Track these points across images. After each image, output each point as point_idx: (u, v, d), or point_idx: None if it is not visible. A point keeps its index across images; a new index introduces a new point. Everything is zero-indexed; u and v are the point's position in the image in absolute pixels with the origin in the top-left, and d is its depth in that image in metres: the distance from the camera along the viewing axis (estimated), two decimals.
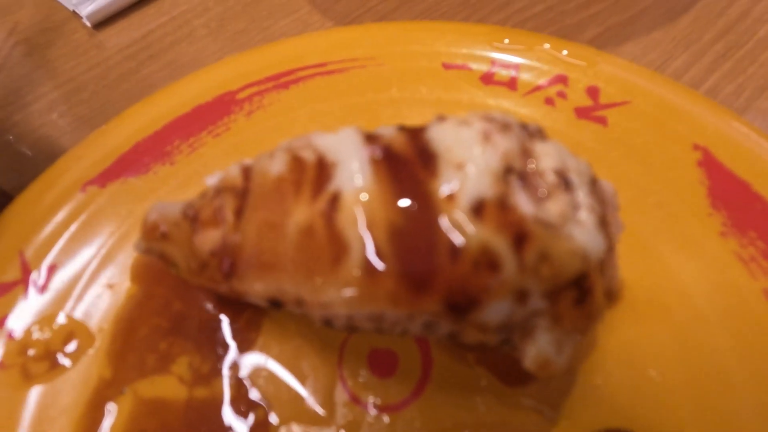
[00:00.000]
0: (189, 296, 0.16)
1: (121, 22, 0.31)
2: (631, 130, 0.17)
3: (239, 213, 0.11)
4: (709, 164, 0.16)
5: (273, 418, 0.13)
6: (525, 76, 0.19)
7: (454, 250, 0.09)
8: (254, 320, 0.15)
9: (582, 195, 0.10)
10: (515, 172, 0.10)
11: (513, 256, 0.09)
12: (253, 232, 0.10)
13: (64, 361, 0.14)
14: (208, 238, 0.11)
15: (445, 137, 0.10)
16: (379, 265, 0.09)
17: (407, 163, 0.10)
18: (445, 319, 0.09)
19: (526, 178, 0.10)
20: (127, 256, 0.16)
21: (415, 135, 0.10)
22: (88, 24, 0.31)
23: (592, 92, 0.18)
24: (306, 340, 0.15)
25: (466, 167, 0.09)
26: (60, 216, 0.17)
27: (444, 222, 0.09)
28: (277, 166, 0.11)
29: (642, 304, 0.14)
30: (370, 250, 0.09)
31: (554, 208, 0.10)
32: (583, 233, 0.10)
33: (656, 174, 0.16)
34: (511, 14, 0.28)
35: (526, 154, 0.10)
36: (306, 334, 0.15)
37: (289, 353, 0.15)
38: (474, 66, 0.20)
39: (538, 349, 0.10)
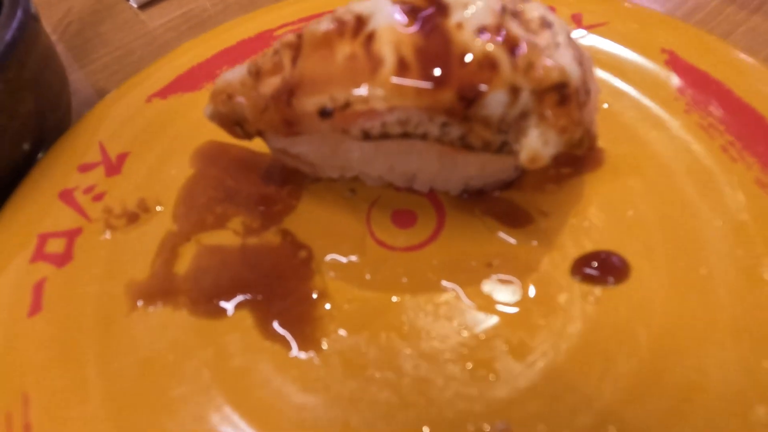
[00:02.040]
0: (240, 176, 0.19)
1: (163, 4, 0.36)
2: (609, 45, 0.20)
3: (295, 60, 0.14)
4: (675, 62, 0.19)
5: (314, 256, 0.16)
6: None
7: (463, 57, 0.12)
8: (295, 192, 0.18)
9: (561, 38, 0.13)
10: (509, 11, 0.13)
11: (508, 60, 0.12)
12: (306, 67, 0.13)
13: (138, 220, 0.17)
14: (270, 84, 0.14)
15: None
16: (406, 70, 0.12)
17: (426, 10, 0.13)
18: (456, 115, 0.12)
19: (518, 16, 0.13)
20: (185, 150, 0.19)
21: None
22: (134, 5, 0.35)
23: (576, 18, 0.21)
24: (338, 206, 0.18)
25: (470, 5, 0.13)
26: (130, 118, 0.20)
27: (455, 39, 0.12)
28: (324, 25, 0.14)
29: (620, 165, 0.17)
30: (399, 61, 0.12)
31: (540, 38, 0.13)
32: (562, 58, 0.13)
33: (632, 74, 0.19)
34: None
35: (517, 4, 0.13)
36: (338, 202, 0.18)
37: (325, 215, 0.17)
38: None
39: (529, 143, 0.12)
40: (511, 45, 0.12)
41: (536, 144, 0.12)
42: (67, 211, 0.17)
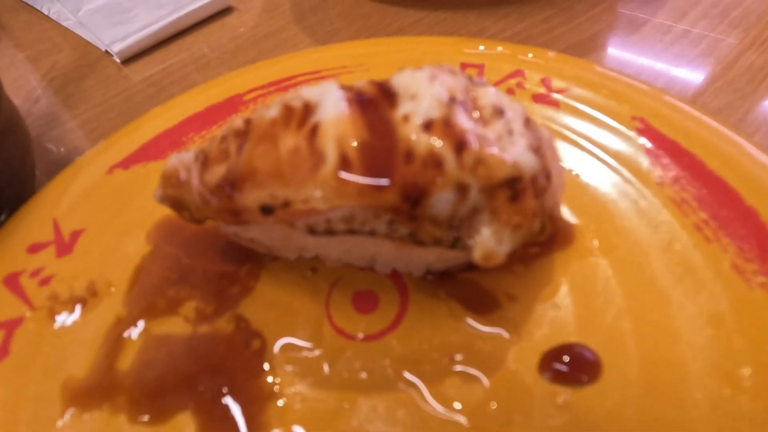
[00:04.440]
0: (196, 253, 0.18)
1: (146, 59, 0.36)
2: (579, 110, 0.20)
3: (240, 148, 0.13)
4: (647, 130, 0.18)
5: (268, 348, 0.15)
6: (489, 74, 0.22)
7: (408, 154, 0.11)
8: (254, 271, 0.17)
9: (516, 125, 0.13)
10: (458, 101, 0.12)
11: (453, 158, 0.11)
12: (250, 159, 0.13)
13: (85, 305, 0.16)
14: (216, 173, 0.13)
15: (403, 79, 0.13)
16: (348, 168, 0.11)
17: (373, 99, 0.12)
18: (402, 214, 0.12)
19: (467, 106, 0.12)
20: (143, 223, 0.19)
21: (380, 83, 0.13)
22: (118, 60, 0.36)
23: (546, 82, 0.21)
24: (297, 287, 0.17)
25: (419, 97, 0.12)
26: (88, 191, 0.19)
27: (400, 135, 0.12)
28: (272, 112, 0.13)
29: (591, 243, 0.16)
30: (342, 158, 0.12)
31: (491, 129, 0.12)
32: (515, 150, 0.12)
33: (603, 143, 0.18)
34: (483, 40, 0.32)
35: (469, 91, 0.13)
36: (298, 282, 0.17)
37: (283, 298, 0.16)
38: None
39: (483, 241, 0.12)
40: (457, 140, 0.12)
41: (489, 242, 0.12)
42: (10, 298, 0.16)
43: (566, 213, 0.17)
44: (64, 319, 0.16)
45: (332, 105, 0.12)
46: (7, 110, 0.20)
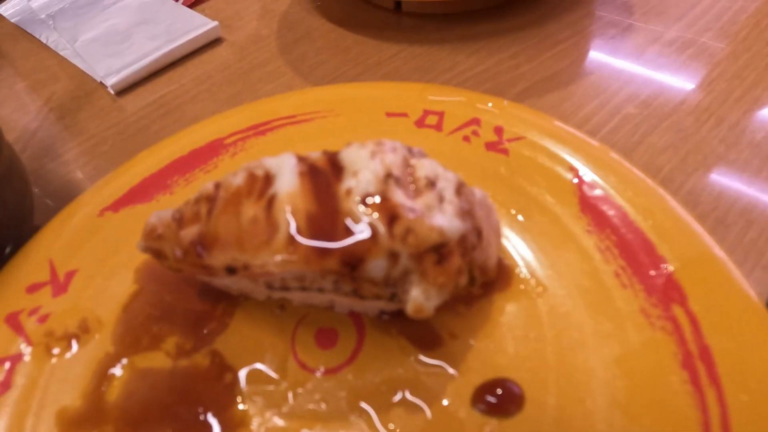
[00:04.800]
0: (177, 293, 0.20)
1: (139, 90, 0.38)
2: (525, 158, 0.22)
3: (210, 212, 0.15)
4: (581, 181, 0.20)
5: (239, 381, 0.17)
6: (448, 121, 0.24)
7: (346, 227, 0.14)
8: (228, 310, 0.19)
9: (447, 194, 0.15)
10: (393, 177, 0.14)
11: (386, 229, 0.13)
12: (218, 224, 0.15)
13: (78, 341, 0.18)
14: (189, 232, 0.15)
15: (349, 155, 0.15)
16: (297, 237, 0.13)
17: (323, 172, 0.14)
18: (344, 276, 0.14)
19: (402, 181, 0.14)
20: (131, 263, 0.21)
21: (332, 155, 0.15)
22: (112, 92, 0.38)
23: (498, 131, 0.23)
24: (266, 324, 0.19)
25: (360, 173, 0.14)
26: (81, 233, 0.21)
27: (342, 208, 0.14)
28: (238, 179, 0.15)
29: (528, 286, 0.18)
30: (292, 229, 0.14)
31: (422, 201, 0.14)
32: (443, 218, 0.14)
33: (541, 189, 0.21)
34: (455, 74, 0.34)
35: (407, 165, 0.15)
36: (268, 319, 0.19)
37: (254, 333, 0.19)
38: (410, 114, 0.25)
39: (413, 298, 0.14)
40: (390, 213, 0.14)
41: (419, 299, 0.14)
42: (11, 335, 0.18)
43: (508, 257, 0.19)
44: (59, 354, 0.18)
45: (288, 177, 0.14)
46: (7, 156, 0.22)
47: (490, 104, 0.24)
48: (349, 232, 0.13)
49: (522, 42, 0.36)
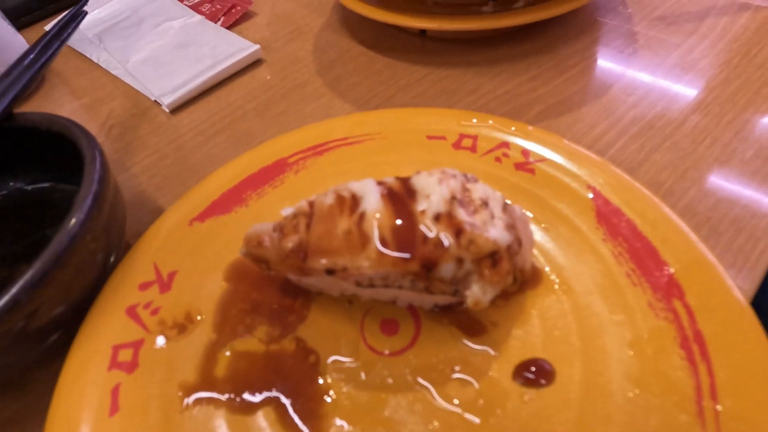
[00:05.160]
0: (262, 290, 0.24)
1: (191, 108, 0.42)
2: (549, 176, 0.26)
3: (308, 226, 0.19)
4: (597, 197, 0.24)
5: (321, 361, 0.21)
6: (481, 143, 0.28)
7: (424, 238, 0.18)
8: (306, 303, 0.23)
9: (497, 211, 0.19)
10: (457, 199, 0.18)
11: (454, 240, 0.17)
12: (317, 235, 0.19)
13: (185, 330, 0.22)
14: (291, 241, 0.19)
15: (419, 181, 0.19)
16: (385, 246, 0.17)
17: (400, 195, 0.19)
18: (420, 276, 0.18)
19: (463, 202, 0.18)
20: (220, 266, 0.25)
21: (404, 181, 0.19)
22: (167, 110, 0.42)
23: (525, 153, 0.27)
24: (339, 316, 0.23)
25: (431, 197, 0.18)
26: (176, 240, 0.26)
27: (419, 223, 0.18)
28: (329, 199, 0.19)
29: (553, 284, 0.22)
30: (381, 239, 0.18)
31: (479, 217, 0.18)
32: (495, 231, 0.18)
33: (564, 203, 0.25)
34: (479, 97, 0.38)
35: (465, 189, 0.19)
36: (339, 311, 0.23)
37: (330, 323, 0.23)
38: (448, 137, 0.29)
39: (473, 293, 0.18)
40: (456, 228, 0.18)
41: (478, 294, 0.18)
42: (132, 325, 0.22)
43: (537, 261, 0.23)
44: (172, 339, 0.22)
45: (373, 199, 0.19)
46: (114, 182, 0.26)
47: (513, 128, 0.28)
48: (425, 242, 0.17)
49: (538, 66, 0.40)
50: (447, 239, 0.17)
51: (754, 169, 0.30)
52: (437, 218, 0.18)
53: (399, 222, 0.18)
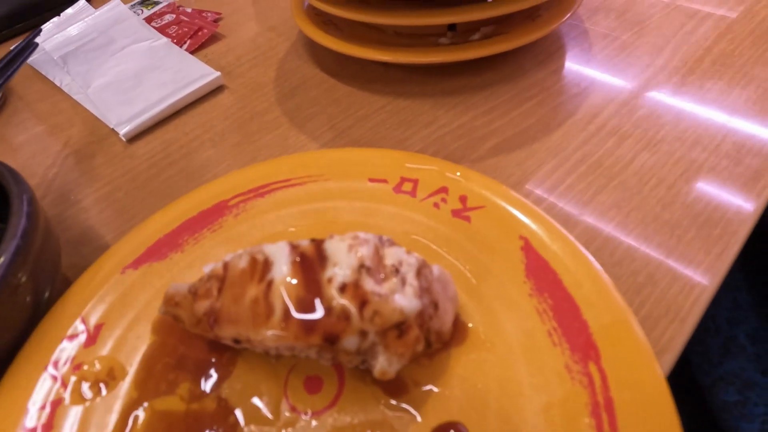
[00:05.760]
0: (190, 344, 0.24)
1: (148, 137, 0.42)
2: (483, 225, 0.26)
3: (220, 290, 0.19)
4: (527, 248, 0.24)
5: (240, 422, 0.21)
6: (421, 188, 0.28)
7: (328, 309, 0.17)
8: (232, 358, 0.23)
9: (409, 277, 0.19)
10: (365, 267, 0.18)
11: (357, 313, 0.17)
12: (226, 302, 0.18)
13: (107, 387, 0.22)
14: (202, 306, 0.19)
15: (331, 247, 0.19)
16: (289, 317, 0.17)
17: (310, 262, 0.18)
18: (325, 348, 0.17)
19: (372, 270, 0.18)
20: (150, 317, 0.25)
21: (318, 245, 0.19)
22: (124, 139, 0.41)
23: (463, 199, 0.27)
24: (264, 372, 0.23)
25: (338, 265, 0.18)
26: (106, 290, 0.25)
27: (324, 293, 0.18)
28: (243, 263, 0.19)
29: (479, 341, 0.22)
30: (285, 311, 0.17)
31: (387, 285, 0.18)
32: (403, 299, 0.18)
33: (496, 254, 0.25)
34: (435, 129, 0.38)
35: (377, 255, 0.19)
36: (265, 367, 0.23)
37: (253, 380, 0.22)
38: (389, 180, 0.29)
39: (379, 364, 0.18)
40: (361, 299, 0.18)
41: (384, 365, 0.18)
42: (52, 382, 0.22)
43: (466, 316, 0.23)
44: (92, 398, 0.22)
45: (283, 265, 0.18)
46: (43, 219, 0.26)
47: (458, 173, 0.28)
48: (329, 314, 0.17)
49: (496, 97, 0.40)
50: (349, 310, 0.17)
51: (695, 214, 0.30)
52: (343, 289, 0.18)
53: (305, 292, 0.18)
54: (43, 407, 0.21)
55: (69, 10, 0.58)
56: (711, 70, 0.39)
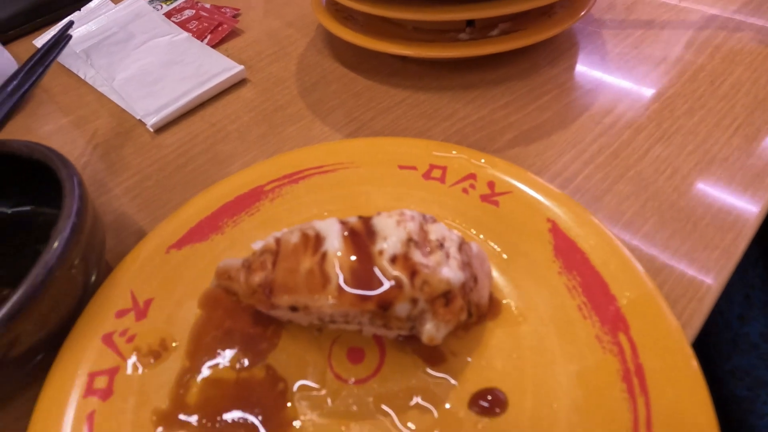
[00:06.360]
0: (236, 317, 0.25)
1: (174, 128, 0.43)
2: (512, 209, 0.27)
3: (274, 264, 0.20)
4: (555, 230, 0.26)
5: (290, 389, 0.22)
6: (450, 175, 0.29)
7: (380, 278, 0.19)
8: (277, 331, 0.24)
9: (452, 251, 0.20)
10: (413, 241, 0.19)
11: (408, 282, 0.19)
12: (282, 273, 0.20)
13: (160, 357, 0.23)
14: (257, 277, 0.20)
15: (379, 222, 0.20)
16: (345, 287, 0.19)
17: (360, 236, 0.20)
18: (377, 315, 0.19)
19: (419, 243, 0.20)
20: (196, 293, 0.26)
21: (366, 221, 0.20)
22: (151, 130, 0.43)
23: (491, 185, 0.28)
24: (308, 344, 0.24)
25: (389, 239, 0.19)
26: (153, 267, 0.26)
27: (377, 264, 0.19)
28: (294, 238, 0.20)
29: (512, 316, 0.23)
30: (340, 280, 0.19)
31: (434, 258, 0.19)
32: (449, 271, 0.19)
33: (525, 236, 0.26)
34: (455, 122, 0.39)
35: (422, 230, 0.20)
36: (308, 340, 0.24)
37: (298, 351, 0.24)
38: (419, 167, 0.30)
39: (427, 331, 0.19)
40: (411, 269, 0.19)
41: (432, 331, 0.19)
42: (108, 352, 0.23)
43: (498, 293, 0.24)
44: (147, 366, 0.23)
45: (335, 239, 0.20)
46: (92, 210, 0.27)
47: (483, 161, 0.30)
48: (382, 283, 0.19)
49: (512, 92, 0.41)
50: (402, 280, 0.19)
51: (709, 203, 0.31)
52: (394, 260, 0.19)
53: (358, 263, 0.19)
54: (101, 375, 0.22)
55: (90, 5, 0.59)
56: (721, 66, 0.41)
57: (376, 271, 0.19)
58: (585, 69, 0.43)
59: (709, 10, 0.48)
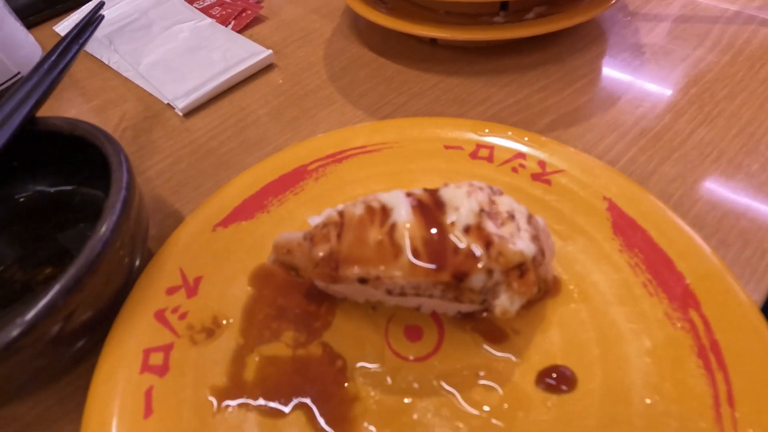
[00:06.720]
0: (288, 295, 0.24)
1: (203, 112, 0.42)
2: (565, 188, 0.27)
3: (339, 236, 0.20)
4: (612, 208, 0.25)
5: (348, 366, 0.22)
6: (498, 154, 0.29)
7: (454, 249, 0.18)
8: (331, 309, 0.24)
9: (522, 223, 0.19)
10: (485, 211, 0.19)
11: (484, 253, 0.18)
12: (348, 245, 0.19)
13: (213, 334, 0.23)
14: (321, 249, 0.20)
15: (448, 193, 0.20)
16: (417, 256, 0.18)
17: (429, 207, 0.19)
18: (451, 286, 0.18)
19: (491, 214, 0.19)
20: (245, 271, 0.25)
21: (432, 193, 0.20)
22: (180, 114, 0.42)
23: (542, 164, 0.28)
24: (363, 322, 0.23)
25: (460, 209, 0.19)
26: (201, 245, 0.26)
27: (449, 236, 0.18)
28: (359, 210, 0.20)
29: (573, 294, 0.23)
30: (414, 250, 0.18)
31: (506, 229, 0.19)
32: (522, 243, 0.19)
33: (580, 214, 0.25)
34: (490, 106, 0.39)
35: (492, 202, 0.20)
36: (363, 317, 0.24)
37: (354, 329, 0.23)
38: (465, 147, 0.30)
39: (501, 303, 0.18)
40: (486, 240, 0.18)
41: (505, 304, 0.18)
42: (162, 329, 0.23)
43: (557, 270, 0.24)
44: (201, 343, 0.23)
45: (403, 210, 0.19)
46: (138, 187, 0.26)
47: (526, 139, 0.29)
48: (456, 254, 0.18)
49: (547, 76, 0.41)
50: (477, 251, 0.18)
51: (760, 183, 0.31)
52: (467, 230, 0.18)
53: (430, 233, 0.18)
54: (156, 351, 0.22)
55: None
56: (759, 50, 0.40)
57: (450, 241, 0.18)
58: (619, 54, 0.42)
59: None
